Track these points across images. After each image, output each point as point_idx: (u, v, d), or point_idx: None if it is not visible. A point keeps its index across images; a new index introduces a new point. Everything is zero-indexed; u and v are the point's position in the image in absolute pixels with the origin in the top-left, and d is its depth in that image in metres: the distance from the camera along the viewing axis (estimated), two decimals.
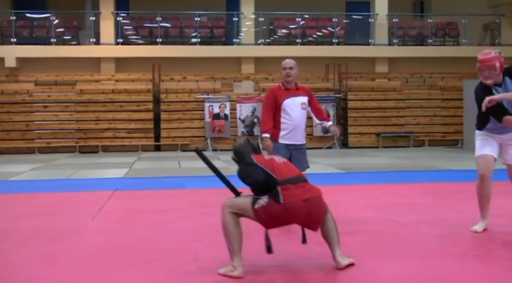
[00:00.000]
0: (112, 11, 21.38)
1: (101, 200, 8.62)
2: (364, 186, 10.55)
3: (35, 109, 20.00)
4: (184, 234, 6.44)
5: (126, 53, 21.00)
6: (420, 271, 4.90)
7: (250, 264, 4.96)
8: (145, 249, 5.75)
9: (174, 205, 8.51)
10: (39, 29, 21.65)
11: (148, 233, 6.52)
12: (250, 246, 5.15)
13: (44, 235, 6.44)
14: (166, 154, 18.75)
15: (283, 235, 5.78)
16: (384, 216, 7.30)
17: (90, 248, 5.84)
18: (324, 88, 21.35)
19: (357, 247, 5.58)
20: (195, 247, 5.82)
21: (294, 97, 6.82)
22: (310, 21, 22.80)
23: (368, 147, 20.54)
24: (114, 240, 6.21)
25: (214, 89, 20.80)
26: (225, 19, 22.99)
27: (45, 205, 8.49)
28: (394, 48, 22.18)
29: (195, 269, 5.05)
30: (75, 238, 6.29)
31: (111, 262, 5.33)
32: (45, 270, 5.11)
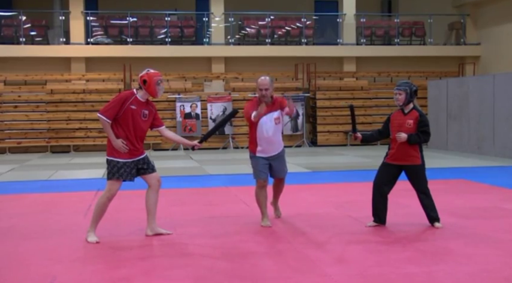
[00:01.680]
0: (81, 10, 21.34)
1: (86, 200, 8.81)
2: (327, 184, 10.96)
3: (4, 109, 19.89)
4: (171, 228, 6.71)
5: (96, 52, 21.00)
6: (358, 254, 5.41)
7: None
8: (136, 242, 6.05)
9: None
10: (6, 28, 21.49)
11: (136, 228, 6.84)
12: None
13: (42, 232, 6.80)
14: None
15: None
16: (340, 211, 7.93)
17: None
18: (293, 87, 21.67)
19: (313, 236, 6.16)
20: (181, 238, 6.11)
21: (267, 113, 6.92)
22: (279, 20, 23.10)
23: (336, 145, 20.92)
24: (107, 235, 6.48)
25: (185, 88, 20.95)
26: (194, 19, 23.14)
27: (34, 205, 8.71)
28: (361, 48, 22.61)
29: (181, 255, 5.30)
30: (73, 233, 6.69)
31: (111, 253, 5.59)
32: (51, 261, 5.34)
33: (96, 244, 6.23)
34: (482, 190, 9.98)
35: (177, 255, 5.77)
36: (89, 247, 6.16)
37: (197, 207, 8.51)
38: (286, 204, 8.48)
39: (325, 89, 21.75)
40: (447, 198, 8.99)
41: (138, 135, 6.25)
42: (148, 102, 6.39)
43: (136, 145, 6.26)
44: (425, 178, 6.81)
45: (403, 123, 6.69)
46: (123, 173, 6.21)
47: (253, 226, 6.98)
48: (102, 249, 6.10)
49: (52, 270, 5.27)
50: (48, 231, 6.91)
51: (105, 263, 5.55)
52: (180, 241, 6.32)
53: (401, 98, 6.70)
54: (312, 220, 7.30)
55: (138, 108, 6.19)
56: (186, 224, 7.24)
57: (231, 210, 8.20)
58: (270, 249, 5.96)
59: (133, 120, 6.17)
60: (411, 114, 6.70)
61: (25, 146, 19.43)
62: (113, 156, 6.24)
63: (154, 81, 6.24)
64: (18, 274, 5.20)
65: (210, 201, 9.02)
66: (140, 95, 6.28)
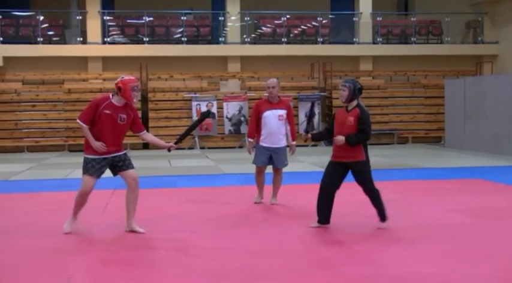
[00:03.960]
0: (98, 10, 21.47)
1: (102, 199, 8.87)
2: (344, 184, 10.85)
3: (23, 108, 20.09)
4: (184, 227, 6.80)
5: (113, 52, 21.11)
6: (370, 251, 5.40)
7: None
8: (150, 241, 6.11)
9: (170, 202, 8.83)
10: (24, 28, 21.68)
11: (151, 227, 6.85)
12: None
13: (58, 230, 6.84)
14: (155, 152, 18.90)
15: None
16: (354, 210, 7.90)
17: (109, 237, 6.34)
18: (309, 86, 21.66)
19: (327, 235, 6.18)
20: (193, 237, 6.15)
21: (273, 109, 8.17)
22: (295, 20, 23.07)
23: None
24: (121, 234, 6.56)
25: (201, 87, 21.00)
26: (210, 18, 23.18)
27: (51, 204, 8.78)
28: (378, 47, 22.53)
29: (195, 255, 5.34)
30: (89, 232, 6.77)
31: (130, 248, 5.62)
32: (67, 260, 5.39)
33: (112, 243, 6.29)
34: (498, 190, 9.92)
35: (192, 253, 5.80)
36: (106, 246, 6.22)
37: (212, 205, 8.54)
38: (299, 203, 8.51)
39: None
40: (462, 197, 8.97)
41: (114, 136, 6.50)
42: (127, 106, 6.58)
43: (115, 143, 6.54)
44: (370, 176, 6.73)
45: (345, 120, 6.63)
46: (90, 168, 6.52)
47: (267, 226, 6.99)
48: (118, 247, 6.15)
49: (68, 269, 5.32)
50: (61, 230, 6.94)
51: (120, 262, 5.59)
52: (195, 240, 6.35)
53: (344, 94, 6.63)
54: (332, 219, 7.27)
55: (113, 113, 6.43)
56: (201, 222, 7.27)
57: (246, 209, 8.22)
58: (283, 248, 5.97)
59: (107, 124, 6.42)
60: (353, 111, 6.61)
61: (43, 145, 19.60)
62: (85, 153, 6.59)
63: (129, 87, 6.43)
64: (34, 273, 5.26)
65: (225, 199, 9.04)
66: (116, 100, 6.51)
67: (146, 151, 19.38)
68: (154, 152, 18.95)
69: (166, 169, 14.12)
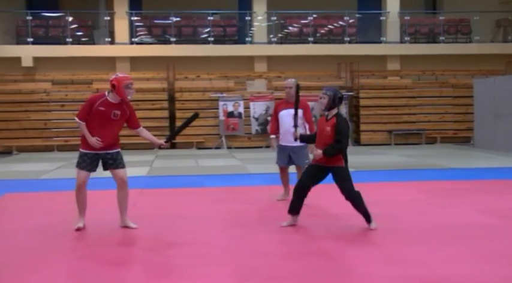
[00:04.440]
0: (126, 10, 21.65)
1: (130, 198, 8.91)
2: (369, 184, 10.80)
3: (52, 108, 20.36)
4: (206, 226, 6.83)
5: (141, 52, 21.29)
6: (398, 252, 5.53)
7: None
8: (175, 240, 6.13)
9: (195, 201, 8.86)
10: (54, 29, 21.96)
11: (173, 227, 6.93)
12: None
13: (85, 228, 6.92)
14: (182, 152, 19.04)
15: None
16: (382, 211, 7.79)
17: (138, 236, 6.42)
18: (336, 86, 21.54)
19: (353, 235, 6.24)
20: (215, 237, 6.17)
21: (289, 109, 8.28)
22: (321, 19, 23.00)
23: (380, 144, 20.75)
24: (145, 233, 6.59)
25: (228, 87, 21.05)
26: (237, 18, 23.23)
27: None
28: (405, 46, 22.34)
29: (221, 253, 5.36)
30: (117, 231, 6.85)
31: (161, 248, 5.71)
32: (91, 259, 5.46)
33: (135, 243, 6.34)
34: None
35: (218, 253, 5.81)
36: (131, 246, 6.26)
37: (236, 205, 8.55)
38: (326, 203, 8.47)
39: (369, 88, 21.59)
40: (490, 198, 8.85)
41: (107, 132, 6.67)
42: (123, 103, 6.75)
43: (110, 140, 6.73)
44: (348, 179, 6.68)
45: (323, 129, 6.65)
46: (81, 163, 6.75)
47: (290, 227, 6.96)
48: (141, 247, 6.18)
49: (92, 268, 5.37)
50: (92, 228, 7.01)
51: (143, 261, 5.61)
52: (220, 239, 6.37)
53: (324, 102, 6.65)
54: (353, 220, 7.24)
55: (107, 109, 6.63)
56: (226, 222, 7.28)
57: (271, 209, 8.21)
58: (309, 249, 5.95)
59: (101, 120, 6.61)
60: (331, 120, 6.61)
61: (72, 144, 19.76)
62: (80, 147, 6.81)
63: (123, 85, 6.63)
64: (58, 271, 5.32)
65: (251, 199, 9.04)
66: (111, 97, 6.71)
67: (174, 151, 19.48)
68: (182, 152, 19.07)
69: (193, 168, 14.18)
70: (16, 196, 9.84)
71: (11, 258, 5.78)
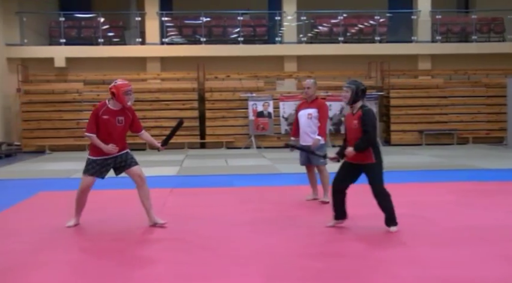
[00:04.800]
0: (157, 11, 21.80)
1: (160, 197, 9.01)
2: (400, 184, 10.70)
3: (84, 108, 20.60)
4: (235, 226, 6.87)
5: (171, 52, 21.42)
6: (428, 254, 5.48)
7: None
8: (202, 239, 6.18)
9: (226, 201, 8.89)
10: (86, 30, 22.23)
11: (212, 224, 7.04)
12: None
13: (115, 228, 7.06)
14: (212, 151, 19.12)
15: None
16: (413, 212, 7.79)
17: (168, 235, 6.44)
18: (366, 86, 21.36)
19: (384, 236, 6.20)
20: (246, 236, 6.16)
21: (305, 109, 8.52)
22: (351, 18, 22.88)
23: (410, 144, 20.56)
24: (176, 231, 6.63)
25: (258, 87, 21.07)
26: (267, 18, 23.24)
27: (110, 201, 8.97)
28: (437, 45, 22.10)
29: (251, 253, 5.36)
30: (148, 231, 6.91)
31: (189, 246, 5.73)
32: (123, 258, 5.51)
33: (166, 242, 6.38)
34: None
35: (247, 253, 5.82)
36: (161, 246, 6.30)
37: (266, 205, 8.56)
38: (356, 204, 8.42)
39: (399, 88, 21.41)
40: None
41: (114, 138, 6.83)
42: (126, 109, 6.90)
43: (118, 144, 6.86)
44: (379, 178, 6.59)
45: (351, 123, 6.59)
46: (90, 169, 6.90)
47: (322, 226, 6.95)
48: (172, 246, 6.23)
49: (124, 267, 5.43)
50: (122, 228, 7.10)
51: (177, 261, 5.66)
52: (249, 239, 6.38)
53: (347, 96, 6.57)
54: (381, 221, 7.19)
55: (110, 117, 6.81)
56: (256, 222, 7.30)
57: (300, 209, 8.20)
58: (339, 249, 5.94)
59: (107, 127, 6.79)
60: (357, 114, 6.54)
61: None
62: (88, 154, 6.99)
63: (122, 92, 6.74)
64: (92, 269, 5.39)
65: (280, 199, 9.04)
66: (112, 104, 6.86)
67: (203, 151, 19.59)
68: (212, 151, 19.15)
69: (223, 168, 14.23)
70: (49, 195, 10.00)
71: (47, 255, 5.87)
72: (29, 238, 6.57)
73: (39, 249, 6.13)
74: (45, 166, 15.32)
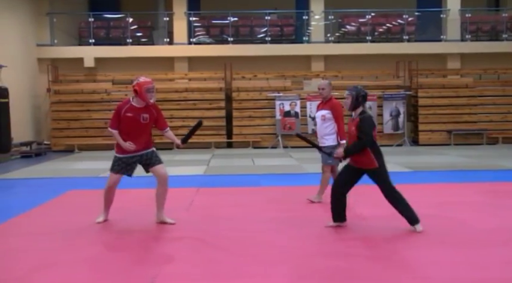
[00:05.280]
0: (184, 11, 21.91)
1: (187, 196, 9.08)
2: (428, 185, 10.65)
3: (112, 107, 20.72)
4: (262, 225, 6.90)
5: (198, 52, 21.51)
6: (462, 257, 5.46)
7: None
8: (231, 239, 6.20)
9: (253, 201, 8.90)
10: (115, 30, 22.43)
11: (238, 224, 7.11)
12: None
13: (142, 226, 7.14)
14: (239, 151, 19.16)
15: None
16: (440, 212, 7.73)
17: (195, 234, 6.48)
18: (394, 85, 21.29)
19: (409, 237, 6.14)
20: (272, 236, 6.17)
21: (320, 110, 8.56)
22: (379, 17, 22.73)
23: (439, 144, 20.36)
24: (209, 229, 6.67)
25: (285, 87, 21.06)
26: (294, 17, 23.21)
27: (137, 200, 9.03)
28: (466, 44, 21.82)
29: (277, 253, 5.35)
30: (175, 230, 6.92)
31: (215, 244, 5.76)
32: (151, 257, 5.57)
33: (190, 241, 6.41)
34: None
35: (272, 253, 5.82)
36: (184, 244, 6.33)
37: (293, 205, 8.56)
38: (385, 203, 8.37)
39: (428, 87, 21.21)
40: None
41: (139, 135, 6.90)
42: (150, 106, 6.99)
43: (142, 141, 6.98)
44: (386, 180, 6.60)
45: (350, 129, 6.64)
46: (116, 167, 7.05)
47: (347, 227, 6.92)
48: (197, 245, 6.26)
49: (151, 267, 5.47)
50: (149, 226, 7.17)
51: (198, 259, 5.68)
52: (275, 239, 6.38)
53: (347, 103, 6.66)
54: None
55: (134, 114, 6.88)
56: (282, 222, 7.30)
57: (326, 209, 8.13)
58: (364, 250, 5.91)
59: (131, 125, 6.88)
60: (355, 120, 6.60)
61: None
62: (115, 152, 7.12)
63: (144, 89, 6.84)
64: (121, 267, 5.45)
65: (306, 199, 9.00)
66: (135, 102, 6.92)
67: (230, 150, 19.64)
68: (238, 151, 19.19)
69: (250, 168, 14.25)
70: (77, 194, 10.12)
71: (76, 252, 5.95)
72: (59, 236, 6.67)
73: (68, 246, 6.22)
74: (73, 165, 15.51)
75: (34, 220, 7.76)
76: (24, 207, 8.58)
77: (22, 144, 18.57)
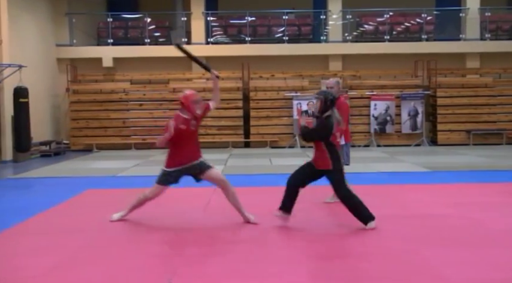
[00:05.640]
0: (202, 11, 21.96)
1: (205, 196, 9.09)
2: (447, 185, 10.57)
3: (131, 107, 20.94)
4: (286, 226, 6.87)
5: (216, 52, 21.54)
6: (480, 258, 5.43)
7: None
8: (249, 238, 6.20)
9: (271, 201, 8.85)
10: (133, 30, 22.55)
11: (254, 224, 7.06)
12: None
13: (161, 225, 7.15)
14: (256, 151, 19.17)
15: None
16: (460, 213, 7.69)
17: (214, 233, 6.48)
18: (413, 85, 21.18)
19: (429, 236, 6.16)
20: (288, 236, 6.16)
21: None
22: (398, 17, 22.61)
23: (457, 144, 20.22)
24: (226, 229, 6.73)
25: (302, 86, 21.04)
26: (312, 17, 23.17)
27: (155, 200, 9.02)
28: (486, 43, 21.64)
29: (295, 253, 5.35)
30: (191, 229, 6.91)
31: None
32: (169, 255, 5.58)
33: (208, 241, 6.42)
34: None
35: (290, 253, 5.82)
36: (206, 243, 6.35)
37: (310, 205, 8.53)
38: (402, 204, 8.35)
39: (446, 86, 21.08)
40: None
41: (192, 143, 7.07)
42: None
43: (193, 150, 7.11)
44: (340, 184, 6.75)
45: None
46: (164, 180, 7.08)
47: (364, 227, 6.88)
48: (215, 246, 6.28)
49: (168, 266, 5.49)
50: (167, 226, 7.20)
51: (216, 261, 5.70)
52: (293, 239, 6.38)
53: (316, 106, 6.88)
54: (430, 221, 7.13)
55: (187, 125, 6.98)
56: (300, 222, 7.28)
57: (343, 209, 8.13)
58: (384, 250, 5.89)
59: (183, 136, 6.95)
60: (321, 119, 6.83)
61: (149, 142, 20.32)
62: (165, 166, 7.12)
63: (191, 101, 6.97)
64: (140, 266, 5.48)
65: (324, 199, 8.97)
66: (183, 113, 7.05)
67: (247, 150, 19.66)
68: (255, 151, 19.21)
69: (267, 167, 14.26)
70: (96, 193, 10.19)
71: (95, 250, 6.00)
72: (78, 235, 6.72)
73: (87, 244, 6.27)
74: (92, 164, 15.62)
75: (53, 219, 7.82)
76: (43, 206, 8.66)
77: (41, 143, 18.75)
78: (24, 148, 16.49)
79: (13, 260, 5.70)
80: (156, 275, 5.15)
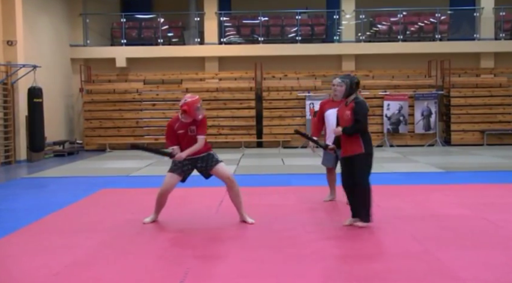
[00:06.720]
0: (215, 11, 21.99)
1: (217, 195, 9.09)
2: (461, 185, 10.51)
3: (144, 107, 21.01)
4: (301, 226, 6.85)
5: (229, 52, 21.58)
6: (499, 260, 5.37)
7: None
8: (260, 239, 6.19)
9: (284, 201, 8.89)
10: (146, 30, 22.63)
11: (270, 224, 7.04)
12: None
13: (175, 225, 7.16)
14: (269, 151, 19.16)
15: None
16: (475, 213, 7.61)
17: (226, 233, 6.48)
18: (426, 85, 21.09)
19: (445, 237, 6.06)
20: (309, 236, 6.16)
21: (334, 108, 7.79)
22: (411, 16, 22.52)
23: (471, 144, 20.11)
24: (239, 229, 6.73)
25: (315, 86, 21.01)
26: (325, 17, 23.13)
27: (168, 199, 9.04)
28: (500, 43, 21.50)
29: (310, 253, 5.35)
30: (205, 229, 6.89)
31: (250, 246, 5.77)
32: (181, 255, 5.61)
33: (221, 241, 6.44)
34: None
35: (306, 253, 5.80)
36: (219, 244, 6.36)
37: (324, 204, 8.53)
38: (417, 204, 8.31)
39: (460, 86, 20.97)
40: None
41: (187, 146, 7.03)
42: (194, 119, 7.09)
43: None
44: (364, 169, 6.69)
45: (343, 114, 6.81)
46: (173, 167, 7.16)
47: (382, 227, 6.87)
48: (228, 246, 6.28)
49: (183, 265, 5.49)
50: (180, 225, 7.21)
51: (230, 260, 5.70)
52: (308, 239, 6.37)
53: (342, 90, 6.96)
54: (444, 222, 7.09)
55: (185, 130, 7.03)
56: (312, 222, 7.26)
57: None
58: (399, 251, 5.86)
59: (183, 139, 7.04)
60: (350, 105, 6.76)
61: (162, 142, 20.34)
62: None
63: (193, 108, 6.95)
64: (153, 266, 5.49)
65: (337, 199, 8.94)
66: (183, 118, 7.05)
67: (260, 150, 19.66)
68: (268, 150, 19.20)
69: (280, 167, 14.25)
70: (110, 192, 10.23)
71: (109, 250, 6.02)
72: (93, 234, 6.74)
73: (102, 243, 6.29)
74: (105, 164, 15.68)
75: (68, 218, 7.86)
76: (58, 205, 8.71)
77: (55, 143, 18.86)
78: (38, 148, 16.59)
79: (32, 258, 5.73)
80: (168, 274, 5.16)
